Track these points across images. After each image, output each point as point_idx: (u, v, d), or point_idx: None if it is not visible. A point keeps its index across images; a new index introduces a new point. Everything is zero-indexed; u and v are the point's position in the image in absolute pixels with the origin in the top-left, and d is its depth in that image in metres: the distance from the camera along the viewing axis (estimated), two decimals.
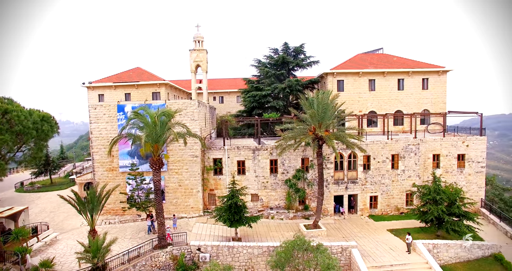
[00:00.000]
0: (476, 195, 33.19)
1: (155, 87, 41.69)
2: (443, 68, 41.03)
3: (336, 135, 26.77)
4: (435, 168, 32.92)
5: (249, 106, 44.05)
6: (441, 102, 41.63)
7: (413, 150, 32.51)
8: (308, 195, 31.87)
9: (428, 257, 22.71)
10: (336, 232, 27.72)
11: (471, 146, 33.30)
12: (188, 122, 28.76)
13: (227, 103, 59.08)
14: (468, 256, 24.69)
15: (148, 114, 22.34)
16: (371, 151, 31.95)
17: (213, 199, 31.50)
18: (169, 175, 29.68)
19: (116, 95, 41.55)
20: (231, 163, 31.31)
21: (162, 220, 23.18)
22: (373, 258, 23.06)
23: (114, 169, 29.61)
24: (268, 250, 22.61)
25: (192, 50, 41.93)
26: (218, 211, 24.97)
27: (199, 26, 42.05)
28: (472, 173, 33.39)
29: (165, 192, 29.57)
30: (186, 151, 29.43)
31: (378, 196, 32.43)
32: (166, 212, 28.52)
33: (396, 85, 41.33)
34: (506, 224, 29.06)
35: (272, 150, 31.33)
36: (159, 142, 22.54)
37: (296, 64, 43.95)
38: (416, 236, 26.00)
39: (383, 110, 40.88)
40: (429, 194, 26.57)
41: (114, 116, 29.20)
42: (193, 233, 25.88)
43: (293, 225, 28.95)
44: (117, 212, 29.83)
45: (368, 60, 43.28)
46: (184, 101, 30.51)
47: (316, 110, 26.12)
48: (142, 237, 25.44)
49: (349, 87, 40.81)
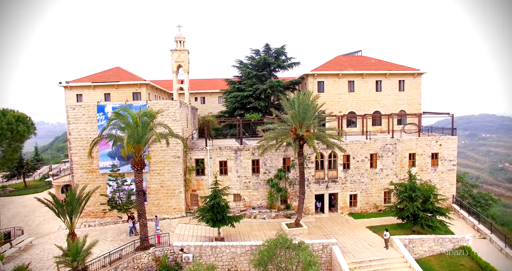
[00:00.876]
0: (448, 192, 34.77)
1: (136, 88, 41.16)
2: (418, 71, 42.68)
3: (316, 135, 27.40)
4: (411, 166, 34.22)
5: (231, 107, 44.21)
6: (416, 103, 43.27)
7: (391, 149, 33.68)
8: (290, 194, 32.40)
9: (404, 251, 23.71)
10: (317, 230, 28.35)
11: (444, 145, 34.86)
12: (170, 123, 28.65)
13: (209, 104, 58.98)
14: (441, 249, 25.96)
15: (130, 115, 22.14)
16: (350, 150, 32.86)
17: (195, 199, 31.47)
18: (151, 175, 29.45)
19: (95, 95, 40.72)
20: (213, 163, 31.40)
21: (144, 221, 23.01)
22: (353, 254, 23.80)
23: (94, 171, 29.08)
24: (251, 249, 22.88)
25: (173, 50, 41.69)
26: (201, 211, 25.04)
27: (180, 26, 41.88)
28: (444, 171, 34.95)
29: (147, 193, 29.31)
30: (168, 151, 29.30)
31: (357, 195, 33.38)
32: (148, 213, 28.25)
33: (374, 86, 42.64)
34: (474, 218, 30.68)
35: (254, 150, 31.66)
36: (141, 143, 22.39)
37: (277, 65, 44.49)
38: (393, 232, 27.01)
39: (362, 111, 42.05)
40: (405, 191, 27.68)
41: (94, 117, 28.69)
42: (176, 234, 25.82)
43: (275, 224, 29.37)
44: (97, 214, 29.29)
45: (347, 62, 44.40)
46: (166, 101, 30.36)
47: (297, 111, 26.65)
48: (123, 239, 25.13)
49: (329, 88, 41.74)
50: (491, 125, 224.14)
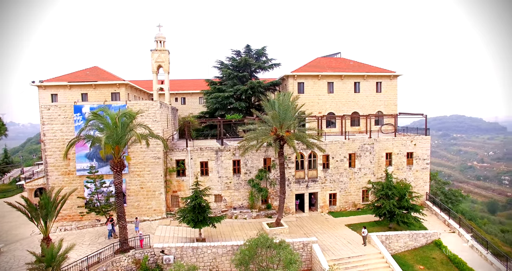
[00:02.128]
0: (422, 189, 36.19)
1: (115, 88, 40.32)
2: (394, 73, 44.10)
3: (296, 135, 27.85)
4: (388, 165, 35.34)
5: (211, 108, 44.11)
6: (392, 105, 44.69)
7: (368, 149, 34.66)
8: (271, 194, 32.72)
9: (381, 248, 24.53)
10: (298, 229, 28.80)
11: (418, 144, 36.25)
12: (150, 124, 28.31)
13: (189, 104, 58.50)
14: (415, 244, 27.05)
15: (109, 116, 21.74)
16: (330, 150, 33.57)
17: (176, 200, 31.21)
18: (131, 177, 28.97)
19: (72, 95, 39.56)
20: (194, 164, 31.26)
21: (123, 224, 22.64)
22: (333, 252, 24.37)
23: (70, 173, 28.27)
24: (232, 249, 22.97)
25: (153, 50, 41.14)
26: (182, 212, 24.92)
27: (160, 26, 41.40)
28: (419, 170, 36.34)
29: (127, 194, 28.80)
30: (148, 152, 28.93)
31: (337, 194, 34.12)
32: (128, 215, 27.75)
33: (353, 88, 43.69)
34: (445, 214, 32.15)
35: (235, 151, 31.77)
36: (120, 144, 22.03)
37: (258, 66, 44.77)
38: (371, 229, 27.81)
39: (341, 111, 43.01)
40: (382, 190, 28.64)
41: (70, 118, 27.91)
42: (156, 236, 25.53)
43: (256, 224, 29.58)
44: (74, 217, 28.47)
45: (326, 64, 45.28)
46: (146, 102, 29.97)
47: (278, 112, 27.00)
48: (102, 242, 24.56)
49: (309, 90, 42.44)
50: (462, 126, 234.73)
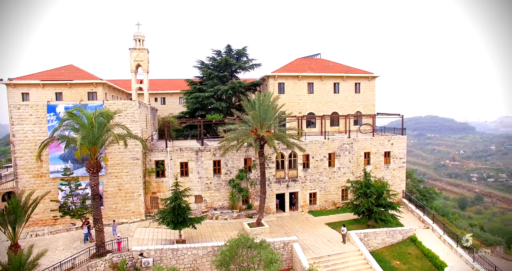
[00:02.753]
0: (399, 187, 37.25)
1: (91, 87, 39.14)
2: (372, 74, 45.14)
3: (277, 135, 27.99)
4: (366, 164, 36.13)
5: (191, 108, 43.66)
6: (371, 105, 45.73)
7: (348, 148, 35.30)
8: (251, 194, 32.73)
9: (360, 245, 25.06)
10: (278, 229, 28.94)
11: (395, 144, 37.27)
12: (129, 124, 27.67)
13: (169, 104, 57.67)
14: (392, 240, 27.84)
15: (84, 115, 21.07)
16: (310, 150, 33.95)
17: (155, 202, 30.67)
18: (108, 178, 28.21)
19: (45, 94, 38.07)
20: (173, 165, 30.83)
21: (100, 227, 21.98)
22: (313, 250, 24.66)
23: (43, 175, 27.20)
24: (213, 250, 22.81)
25: (132, 49, 40.25)
26: (161, 213, 24.51)
27: (139, 24, 40.55)
28: (396, 168, 37.38)
29: (104, 197, 28.02)
30: (127, 153, 28.27)
31: (317, 193, 34.55)
32: (105, 218, 27.05)
33: (333, 88, 44.38)
34: (420, 211, 33.20)
35: (215, 151, 31.57)
36: (97, 144, 21.40)
37: (238, 66, 44.70)
38: (350, 227, 28.32)
39: (321, 112, 43.59)
40: (361, 188, 29.23)
41: (43, 118, 26.85)
42: (135, 238, 24.97)
43: (237, 224, 29.51)
44: (47, 222, 27.37)
45: (307, 65, 45.78)
46: (124, 102, 29.29)
47: (258, 112, 27.05)
48: (77, 247, 23.74)
49: (290, 90, 42.77)
50: (436, 126, 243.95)
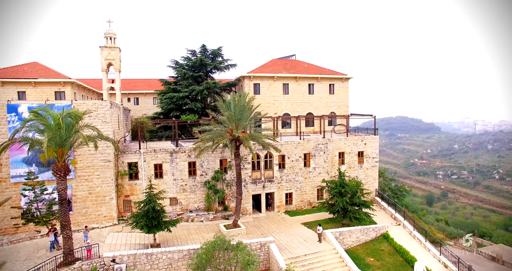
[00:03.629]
0: (372, 186, 38.31)
1: (59, 86, 37.31)
2: (345, 76, 46.18)
3: (252, 136, 27.93)
4: (341, 164, 36.86)
5: (166, 108, 42.76)
6: (345, 106, 46.77)
7: (322, 148, 35.85)
8: (227, 196, 32.47)
9: (335, 244, 25.45)
10: (255, 230, 28.87)
11: (368, 144, 38.30)
12: (100, 125, 26.60)
13: (143, 104, 56.24)
14: (366, 238, 28.52)
15: (51, 116, 19.98)
16: (285, 150, 34.16)
17: (128, 205, 29.68)
18: (78, 182, 26.95)
19: (5, 93, 35.77)
20: (147, 167, 30.00)
21: (68, 233, 20.87)
22: (289, 250, 24.77)
23: (3, 180, 25.40)
24: (188, 253, 22.35)
25: (103, 47, 38.84)
26: (135, 217, 23.73)
27: (111, 21, 39.22)
28: (369, 167, 38.41)
29: (73, 201, 26.74)
30: (98, 155, 27.16)
31: (293, 193, 34.81)
32: (74, 223, 25.88)
33: (307, 89, 44.99)
34: (392, 208, 34.28)
35: (191, 152, 31.05)
36: (64, 146, 20.34)
37: (214, 66, 44.30)
38: (326, 226, 28.75)
39: (296, 112, 44.04)
40: (335, 188, 29.75)
41: (3, 118, 25.18)
42: (107, 244, 23.99)
43: (213, 226, 29.15)
44: (7, 230, 25.44)
45: (282, 66, 46.13)
46: (95, 102, 28.13)
47: (234, 112, 26.86)
48: (42, 256, 22.24)
49: (265, 91, 42.90)
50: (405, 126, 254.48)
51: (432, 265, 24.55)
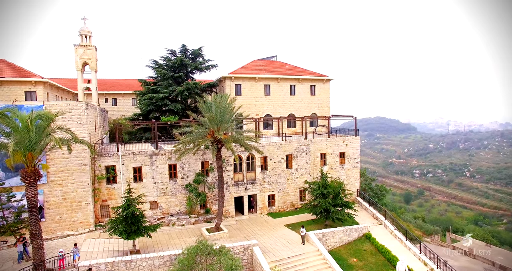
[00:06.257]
0: (354, 186, 38.67)
1: (30, 86, 35.40)
2: (326, 77, 46.51)
3: (234, 138, 27.48)
4: (323, 165, 36.97)
5: (145, 109, 41.58)
6: (326, 107, 47.09)
7: (304, 150, 35.85)
8: (209, 198, 31.84)
9: (319, 245, 25.39)
10: (238, 233, 28.40)
11: (349, 144, 38.64)
12: (74, 127, 25.39)
13: (121, 105, 54.59)
14: (348, 238, 28.68)
15: (18, 118, 18.80)
16: (267, 152, 33.90)
17: (106, 210, 28.52)
18: (51, 187, 25.59)
19: None
20: (126, 170, 28.94)
21: (39, 243, 19.64)
22: (273, 253, 24.47)
23: None
24: (170, 259, 21.62)
25: (78, 45, 37.23)
26: (113, 223, 22.75)
27: (86, 19, 37.66)
28: (350, 168, 38.75)
29: (45, 207, 25.37)
30: (72, 159, 25.91)
31: (275, 195, 34.58)
32: (47, 231, 24.58)
33: (289, 90, 44.97)
34: (373, 208, 34.70)
35: (171, 155, 30.24)
36: (34, 150, 19.16)
37: (194, 67, 43.53)
38: (309, 227, 28.67)
39: (278, 113, 43.91)
40: (318, 189, 29.73)
41: None
42: (83, 252, 22.84)
43: (195, 230, 28.47)
44: None
45: (263, 67, 45.91)
46: (69, 102, 26.82)
47: (215, 114, 26.32)
48: (9, 268, 20.76)
49: (246, 92, 42.52)
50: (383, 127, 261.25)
51: (412, 263, 24.96)
